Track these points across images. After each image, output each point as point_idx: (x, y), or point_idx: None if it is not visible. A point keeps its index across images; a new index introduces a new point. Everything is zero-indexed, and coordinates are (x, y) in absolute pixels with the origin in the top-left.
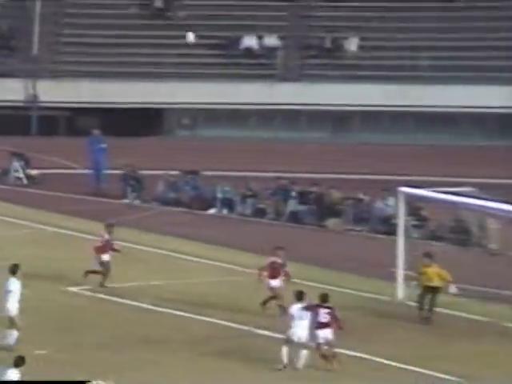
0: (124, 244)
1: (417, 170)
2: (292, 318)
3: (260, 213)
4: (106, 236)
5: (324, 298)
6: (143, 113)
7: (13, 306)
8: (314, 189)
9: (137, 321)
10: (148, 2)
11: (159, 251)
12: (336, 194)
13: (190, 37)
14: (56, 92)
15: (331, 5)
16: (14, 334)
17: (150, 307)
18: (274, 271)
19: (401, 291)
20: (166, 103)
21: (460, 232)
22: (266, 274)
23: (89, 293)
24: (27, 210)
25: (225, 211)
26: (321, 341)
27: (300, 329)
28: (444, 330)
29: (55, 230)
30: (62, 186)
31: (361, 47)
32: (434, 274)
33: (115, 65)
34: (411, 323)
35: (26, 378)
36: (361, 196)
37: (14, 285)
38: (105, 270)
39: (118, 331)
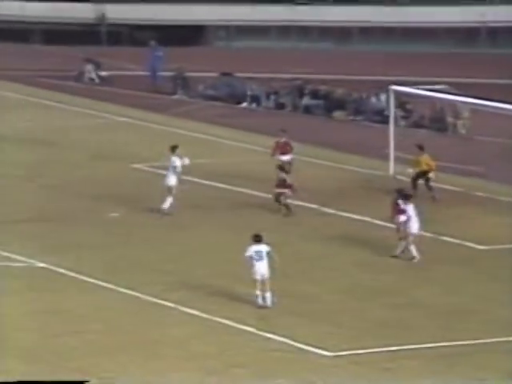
0: (174, 130)
1: (403, 72)
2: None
3: (280, 106)
4: None
5: None
6: (189, 28)
7: (173, 178)
8: (323, 87)
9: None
10: None
11: (203, 136)
12: (340, 91)
13: None
14: (120, 12)
15: None
16: (169, 200)
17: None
18: (283, 148)
19: (392, 168)
20: (207, 20)
21: (437, 121)
22: (277, 151)
23: (153, 169)
24: (99, 103)
25: (253, 105)
26: None
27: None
28: (423, 198)
29: (123, 119)
30: (126, 84)
31: None
32: (424, 162)
33: None
34: None
35: None
36: (359, 93)
37: (177, 161)
38: None
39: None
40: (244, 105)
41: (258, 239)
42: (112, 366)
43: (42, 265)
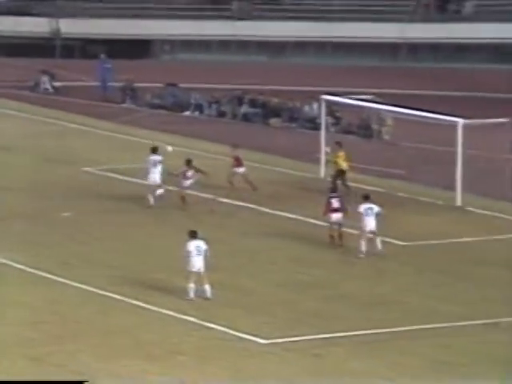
0: (122, 136)
1: (333, 83)
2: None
3: (221, 114)
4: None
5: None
6: (137, 42)
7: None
8: (261, 97)
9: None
10: None
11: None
12: (276, 101)
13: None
14: (74, 27)
15: None
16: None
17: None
18: (239, 162)
19: (323, 171)
20: (153, 35)
21: (364, 128)
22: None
23: (102, 172)
24: (53, 111)
25: (196, 113)
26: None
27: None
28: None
29: (75, 126)
30: (78, 94)
31: None
32: (341, 157)
33: (116, 9)
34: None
35: None
36: (293, 102)
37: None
38: None
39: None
40: (187, 113)
41: (194, 235)
42: (64, 355)
43: (2, 261)
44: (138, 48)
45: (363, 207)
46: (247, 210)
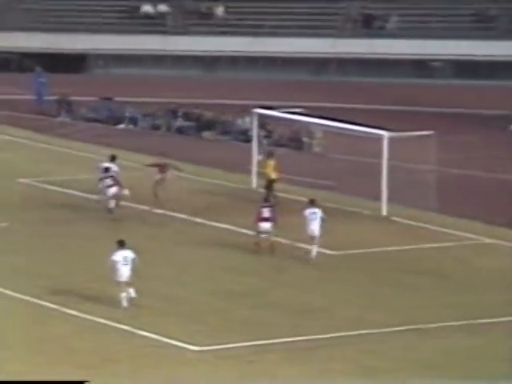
0: (58, 149)
1: (265, 97)
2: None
3: (156, 127)
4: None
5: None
6: (72, 57)
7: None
8: (195, 110)
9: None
10: None
11: (83, 154)
12: (209, 114)
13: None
14: (9, 41)
15: None
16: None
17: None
18: (162, 168)
19: (255, 182)
20: (88, 49)
21: (295, 140)
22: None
23: (37, 183)
24: None
25: (131, 126)
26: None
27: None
28: (284, 207)
29: (11, 138)
30: (14, 107)
31: (226, 12)
32: (270, 166)
33: (52, 23)
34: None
35: None
36: (226, 115)
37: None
38: None
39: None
40: (122, 126)
41: (122, 244)
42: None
43: None
44: (72, 62)
45: (308, 211)
46: (180, 220)
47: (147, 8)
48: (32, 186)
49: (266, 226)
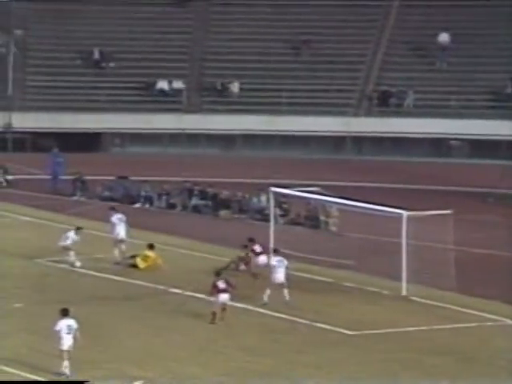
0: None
1: (281, 176)
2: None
3: (171, 206)
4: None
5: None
6: (87, 136)
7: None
8: (210, 189)
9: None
10: (88, 56)
11: (99, 233)
12: (225, 193)
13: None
14: (25, 121)
15: (218, 58)
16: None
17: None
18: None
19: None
20: (103, 128)
21: (311, 219)
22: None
23: (53, 263)
24: (5, 204)
25: (147, 205)
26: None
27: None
28: (299, 288)
29: (27, 218)
30: (30, 187)
31: (241, 89)
32: (152, 258)
33: (67, 101)
34: None
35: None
36: (242, 194)
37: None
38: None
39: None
40: (137, 205)
41: (65, 313)
42: None
43: None
44: (88, 141)
45: (275, 259)
46: (198, 300)
47: (162, 84)
48: (48, 266)
49: (224, 296)
